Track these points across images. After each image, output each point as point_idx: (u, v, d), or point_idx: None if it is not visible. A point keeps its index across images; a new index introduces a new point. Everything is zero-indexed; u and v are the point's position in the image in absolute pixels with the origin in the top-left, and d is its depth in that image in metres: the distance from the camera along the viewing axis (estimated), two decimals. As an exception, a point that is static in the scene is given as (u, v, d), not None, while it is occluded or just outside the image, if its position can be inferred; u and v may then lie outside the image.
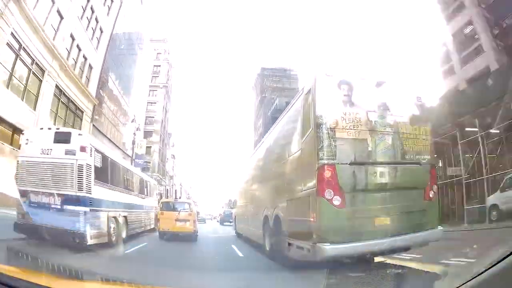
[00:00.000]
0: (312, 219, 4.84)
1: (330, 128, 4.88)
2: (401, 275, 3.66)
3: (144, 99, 46.02)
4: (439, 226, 5.36)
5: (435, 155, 6.95)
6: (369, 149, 4.98)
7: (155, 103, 51.97)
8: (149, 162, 47.01)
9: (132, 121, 26.31)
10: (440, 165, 15.40)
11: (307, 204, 5.01)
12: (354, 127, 4.98)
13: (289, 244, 5.69)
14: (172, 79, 61.55)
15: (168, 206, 12.39)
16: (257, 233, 8.86)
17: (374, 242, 4.73)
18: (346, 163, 4.82)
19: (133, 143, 26.11)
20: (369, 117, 5.10)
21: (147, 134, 49.05)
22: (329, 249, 4.55)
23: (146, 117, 49.82)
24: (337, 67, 5.89)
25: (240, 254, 8.98)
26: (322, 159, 4.78)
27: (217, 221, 38.84)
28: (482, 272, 1.43)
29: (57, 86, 17.01)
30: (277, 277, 5.69)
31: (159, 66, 53.91)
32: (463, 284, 1.51)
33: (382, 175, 4.96)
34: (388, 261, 5.54)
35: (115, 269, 5.55)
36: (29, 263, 3.60)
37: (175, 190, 51.76)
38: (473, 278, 1.47)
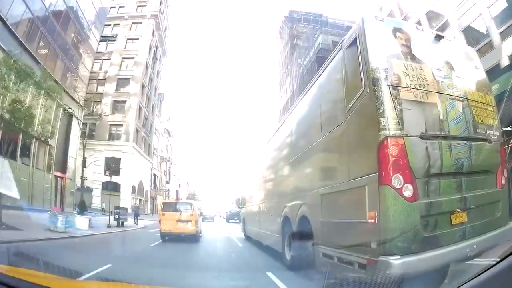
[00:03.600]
0: (370, 220, 3.29)
1: (392, 85, 3.43)
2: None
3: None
4: (510, 222, 4.16)
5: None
6: (441, 117, 3.61)
7: (137, 38, 37.94)
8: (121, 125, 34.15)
9: None
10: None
11: (361, 198, 3.48)
12: (420, 87, 3.58)
13: (326, 255, 4.09)
14: (168, 18, 46.00)
15: (170, 207, 12.08)
16: (273, 237, 7.22)
17: (453, 249, 3.32)
18: (416, 136, 3.39)
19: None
20: (434, 75, 3.76)
21: (122, 82, 35.90)
22: (400, 264, 3.04)
23: (123, 58, 36.62)
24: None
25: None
26: (385, 129, 3.28)
27: (223, 218, 41.47)
28: (482, 272, 1.41)
29: None
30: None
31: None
32: (463, 284, 1.49)
33: (457, 153, 3.59)
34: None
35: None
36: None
37: (177, 191, 45.95)
38: (473, 278, 1.45)
